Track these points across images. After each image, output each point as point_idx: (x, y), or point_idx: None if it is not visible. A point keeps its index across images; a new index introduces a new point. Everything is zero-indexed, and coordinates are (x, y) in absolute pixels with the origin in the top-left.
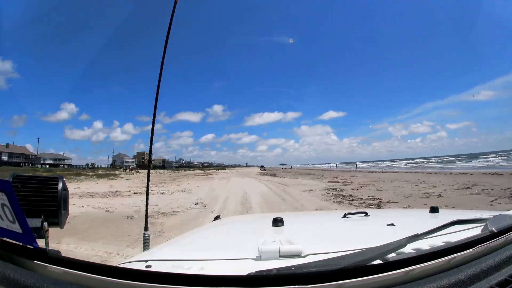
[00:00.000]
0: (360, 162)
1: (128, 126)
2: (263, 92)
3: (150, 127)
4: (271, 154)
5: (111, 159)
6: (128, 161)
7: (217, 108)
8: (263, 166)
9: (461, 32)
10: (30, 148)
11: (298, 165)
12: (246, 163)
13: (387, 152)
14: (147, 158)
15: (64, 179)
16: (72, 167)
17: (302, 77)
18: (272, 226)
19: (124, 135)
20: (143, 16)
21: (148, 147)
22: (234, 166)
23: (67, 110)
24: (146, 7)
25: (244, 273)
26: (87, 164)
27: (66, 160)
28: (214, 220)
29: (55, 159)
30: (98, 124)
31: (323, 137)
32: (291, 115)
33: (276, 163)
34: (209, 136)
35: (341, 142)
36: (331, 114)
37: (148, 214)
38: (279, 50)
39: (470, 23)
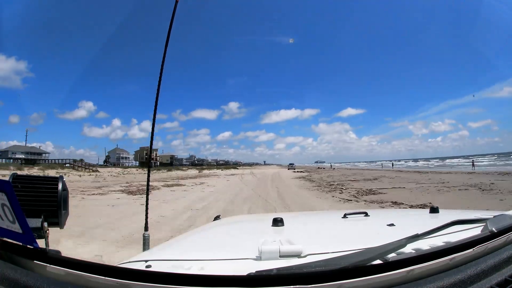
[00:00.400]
0: (383, 161)
1: (146, 124)
2: (279, 91)
3: (167, 124)
4: (289, 152)
5: (106, 155)
6: (127, 157)
7: (233, 106)
8: (293, 164)
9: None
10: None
11: (337, 164)
12: (264, 161)
13: (407, 151)
14: (152, 153)
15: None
16: (50, 162)
17: (320, 74)
18: (272, 226)
19: (142, 132)
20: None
21: (149, 144)
22: (251, 165)
23: (85, 108)
24: (157, 7)
25: (244, 273)
26: (74, 160)
27: (44, 155)
28: (214, 220)
29: (28, 153)
30: (116, 122)
31: (341, 135)
32: (308, 112)
33: (294, 161)
34: (226, 134)
35: (360, 141)
36: (350, 111)
37: None
38: (298, 49)
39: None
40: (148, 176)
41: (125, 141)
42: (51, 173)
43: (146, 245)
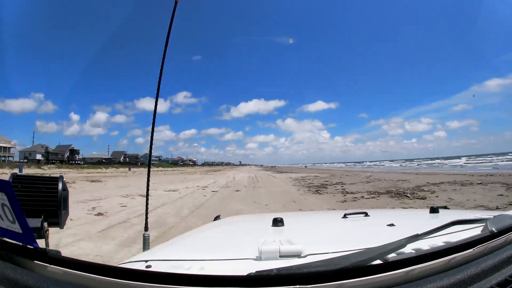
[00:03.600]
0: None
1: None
2: (241, 80)
3: (117, 118)
4: (262, 153)
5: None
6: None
7: (183, 96)
8: (304, 165)
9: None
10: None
11: (315, 164)
12: (240, 162)
13: (381, 152)
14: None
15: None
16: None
17: (288, 64)
18: (272, 226)
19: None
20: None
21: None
22: (219, 164)
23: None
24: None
25: (244, 273)
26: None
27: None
28: (214, 220)
29: None
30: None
31: (313, 134)
32: (274, 104)
33: (268, 162)
34: (189, 132)
35: (333, 141)
36: (320, 105)
37: None
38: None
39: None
40: (148, 176)
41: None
42: None
43: (146, 245)
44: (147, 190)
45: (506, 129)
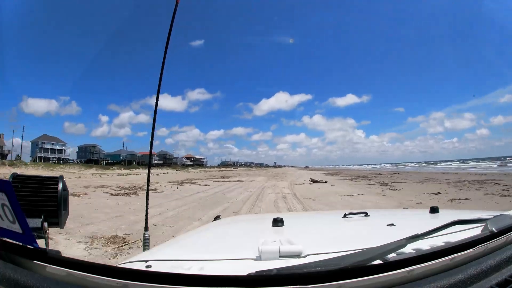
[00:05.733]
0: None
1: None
2: (261, 74)
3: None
4: (295, 153)
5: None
6: (61, 150)
7: (200, 95)
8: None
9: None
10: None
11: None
12: (275, 163)
13: (420, 153)
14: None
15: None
16: None
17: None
18: (272, 226)
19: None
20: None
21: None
22: (250, 166)
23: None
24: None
25: (244, 273)
26: None
27: None
28: (214, 220)
29: None
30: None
31: (346, 132)
32: (298, 98)
33: (301, 163)
34: (216, 132)
35: (369, 140)
36: (350, 99)
37: None
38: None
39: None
40: (148, 176)
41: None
42: None
43: (146, 245)
44: (147, 190)
45: None
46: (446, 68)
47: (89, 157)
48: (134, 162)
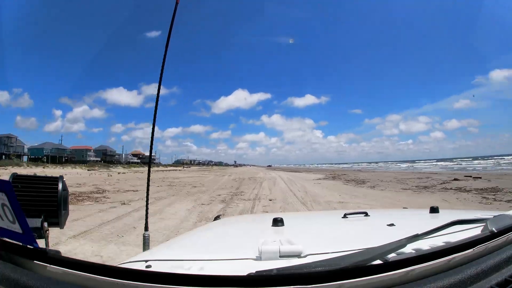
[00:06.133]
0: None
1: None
2: (219, 70)
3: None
4: (254, 153)
5: None
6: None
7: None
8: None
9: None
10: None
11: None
12: (235, 162)
13: (376, 153)
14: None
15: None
16: None
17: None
18: (272, 226)
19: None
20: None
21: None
22: (209, 165)
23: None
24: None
25: (244, 273)
26: None
27: None
28: (214, 220)
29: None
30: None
31: (305, 133)
32: (257, 97)
33: (260, 163)
34: (174, 130)
35: (327, 140)
36: (309, 99)
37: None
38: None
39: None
40: (149, 176)
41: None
42: None
43: (146, 245)
44: (147, 190)
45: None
46: (404, 73)
47: (3, 150)
48: (64, 159)
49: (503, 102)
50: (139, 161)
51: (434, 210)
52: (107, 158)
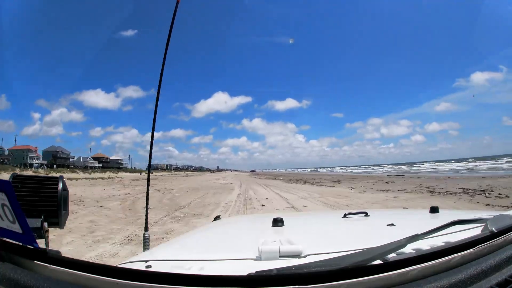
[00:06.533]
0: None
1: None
2: (199, 72)
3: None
4: (237, 157)
5: None
6: None
7: (133, 92)
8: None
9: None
10: None
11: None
12: (218, 166)
13: (358, 157)
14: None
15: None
16: None
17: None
18: (272, 226)
19: None
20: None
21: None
22: (188, 169)
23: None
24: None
25: (244, 273)
26: None
27: None
28: (214, 220)
29: None
30: None
31: (287, 137)
32: (238, 100)
33: (243, 167)
34: (155, 134)
35: (309, 145)
36: (290, 103)
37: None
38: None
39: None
40: (149, 176)
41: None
42: None
43: (146, 245)
44: (147, 191)
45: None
46: (385, 76)
47: None
48: None
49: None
50: (100, 165)
51: (434, 210)
52: (57, 161)
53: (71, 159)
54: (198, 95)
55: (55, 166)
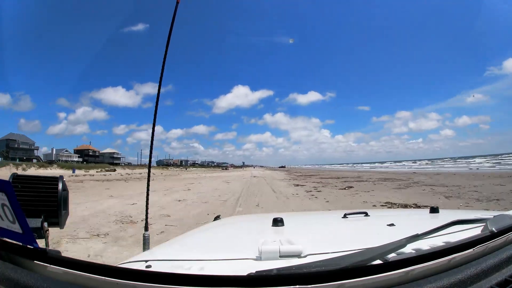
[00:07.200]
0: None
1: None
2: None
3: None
4: (261, 153)
5: None
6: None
7: (151, 89)
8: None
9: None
10: None
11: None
12: (243, 162)
13: (386, 152)
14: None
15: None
16: None
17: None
18: (272, 226)
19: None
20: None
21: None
22: (209, 166)
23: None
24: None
25: (244, 273)
26: None
27: None
28: (214, 220)
29: None
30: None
31: (311, 132)
32: (259, 94)
33: (268, 163)
34: (178, 131)
35: (335, 140)
36: (313, 96)
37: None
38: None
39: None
40: (149, 176)
41: None
42: None
43: (146, 245)
44: (147, 191)
45: None
46: (414, 68)
47: None
48: None
49: None
50: (80, 159)
51: (434, 210)
52: (16, 154)
53: (35, 151)
54: (217, 90)
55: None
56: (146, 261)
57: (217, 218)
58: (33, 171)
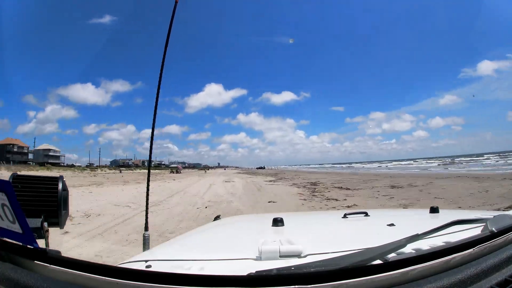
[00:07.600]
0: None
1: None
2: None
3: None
4: (237, 154)
5: None
6: None
7: (120, 86)
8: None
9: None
10: None
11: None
12: (219, 163)
13: (359, 153)
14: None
15: (65, 179)
16: None
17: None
18: (272, 226)
19: None
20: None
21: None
22: (173, 167)
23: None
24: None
25: (244, 273)
26: None
27: None
28: (214, 220)
29: None
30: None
31: (286, 132)
32: (232, 93)
33: (244, 164)
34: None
35: (309, 141)
36: (286, 96)
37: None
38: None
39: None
40: (149, 176)
41: None
42: None
43: (146, 245)
44: (147, 191)
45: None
46: (389, 69)
47: None
48: None
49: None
50: None
51: (434, 210)
52: None
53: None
54: (189, 88)
55: None
56: (146, 261)
57: (217, 218)
58: None
